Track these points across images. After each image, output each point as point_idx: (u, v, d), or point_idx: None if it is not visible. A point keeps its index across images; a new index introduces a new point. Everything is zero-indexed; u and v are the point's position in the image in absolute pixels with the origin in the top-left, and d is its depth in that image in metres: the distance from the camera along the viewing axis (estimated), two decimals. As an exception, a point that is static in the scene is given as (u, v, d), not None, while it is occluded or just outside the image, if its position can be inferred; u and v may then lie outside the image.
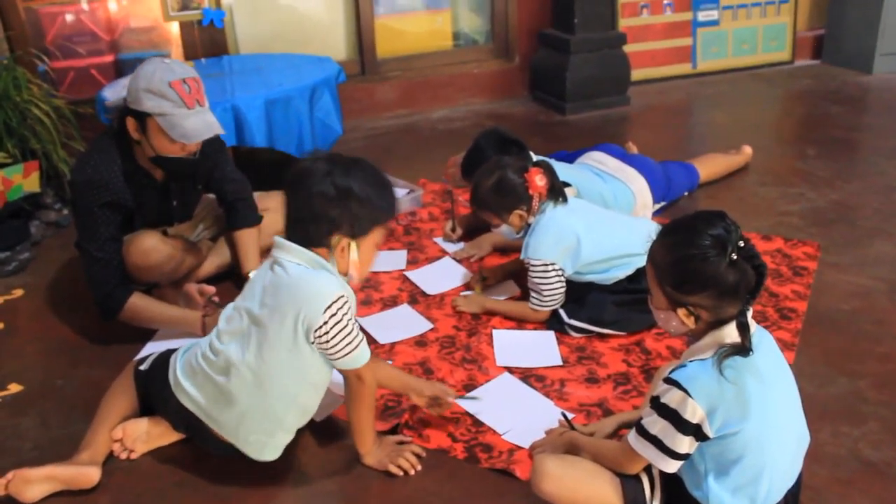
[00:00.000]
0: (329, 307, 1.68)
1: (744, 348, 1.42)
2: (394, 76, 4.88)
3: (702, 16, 5.28)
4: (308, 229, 1.73)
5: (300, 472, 1.92)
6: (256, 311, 1.75)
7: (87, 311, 2.61)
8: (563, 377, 2.22)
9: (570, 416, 2.00)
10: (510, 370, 2.25)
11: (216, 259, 2.79)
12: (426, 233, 3.17)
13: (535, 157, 2.62)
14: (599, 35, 4.69)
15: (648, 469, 1.59)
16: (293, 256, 1.73)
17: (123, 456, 1.97)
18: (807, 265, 2.73)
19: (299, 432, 1.91)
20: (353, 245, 1.74)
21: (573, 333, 2.41)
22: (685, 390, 1.42)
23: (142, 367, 2.00)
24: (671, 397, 1.44)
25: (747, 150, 3.66)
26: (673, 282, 1.46)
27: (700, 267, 1.42)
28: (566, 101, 4.68)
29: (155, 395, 1.94)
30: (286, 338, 1.72)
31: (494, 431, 2.00)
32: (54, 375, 2.36)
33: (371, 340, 2.43)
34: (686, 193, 3.35)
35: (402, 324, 2.51)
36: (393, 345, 2.40)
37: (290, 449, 1.91)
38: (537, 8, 4.93)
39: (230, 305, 1.86)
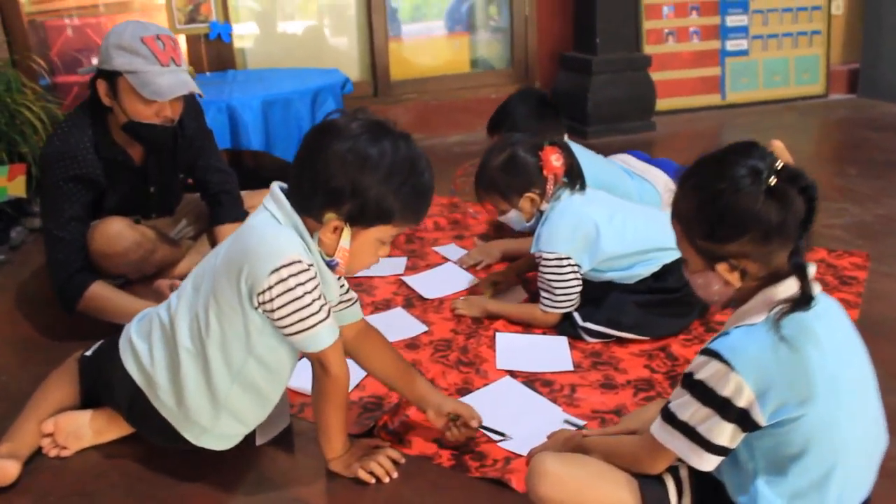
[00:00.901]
0: (277, 270, 1.39)
1: (804, 298, 1.11)
2: (408, 99, 4.69)
3: (730, 45, 5.05)
4: (303, 190, 1.44)
5: (256, 477, 1.62)
6: (214, 256, 1.52)
7: (53, 310, 2.36)
8: (574, 382, 1.90)
9: (581, 423, 1.68)
10: (513, 374, 1.94)
11: (196, 257, 2.52)
12: (429, 241, 2.90)
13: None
14: (623, 56, 4.48)
15: (675, 470, 1.26)
16: (273, 206, 1.46)
17: (53, 453, 1.69)
18: (855, 275, 2.42)
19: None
20: (347, 231, 1.45)
21: (588, 338, 2.10)
22: (728, 363, 1.11)
23: (87, 353, 1.74)
24: (709, 372, 1.13)
25: (777, 143, 3.21)
26: (704, 230, 1.16)
27: (733, 202, 1.12)
28: (588, 125, 4.44)
29: (101, 376, 1.66)
30: (230, 294, 1.44)
31: (489, 438, 1.68)
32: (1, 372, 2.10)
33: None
34: None
35: (392, 326, 2.21)
36: (381, 346, 2.10)
37: (245, 449, 1.61)
38: (558, 31, 4.75)
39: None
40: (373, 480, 1.55)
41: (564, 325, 2.15)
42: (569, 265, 2.11)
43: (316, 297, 1.44)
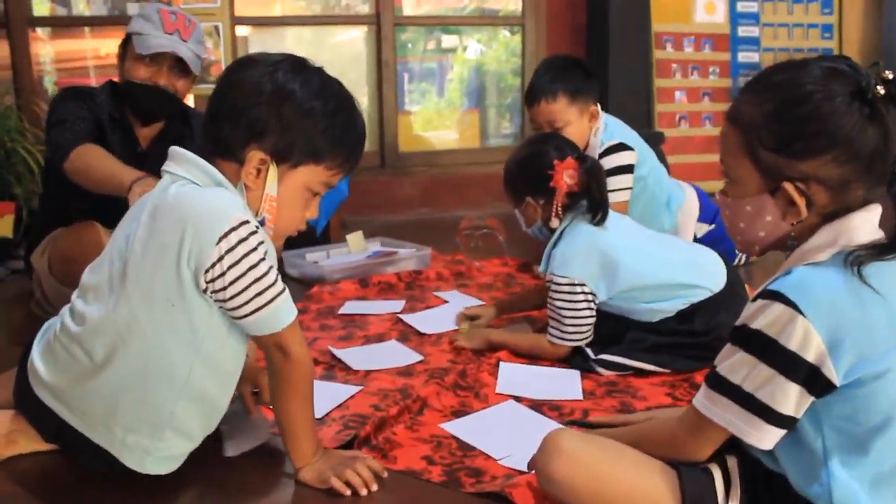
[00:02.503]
0: (226, 235, 1.19)
1: None
2: (416, 172, 4.59)
3: (744, 133, 5.00)
4: (222, 129, 1.27)
5: (212, 490, 1.37)
6: (126, 248, 1.26)
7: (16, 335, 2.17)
8: (586, 408, 1.67)
9: (588, 423, 1.44)
10: (517, 399, 1.71)
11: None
12: (430, 288, 2.71)
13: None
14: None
15: (721, 459, 1.03)
16: (184, 170, 1.26)
17: (-19, 456, 1.44)
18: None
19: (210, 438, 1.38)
20: (273, 170, 1.27)
21: (602, 371, 1.87)
22: (794, 305, 0.90)
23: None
24: (769, 318, 0.92)
25: None
26: (777, 140, 0.96)
27: (824, 109, 0.93)
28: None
29: (18, 392, 1.39)
30: (167, 286, 1.22)
31: (488, 456, 1.44)
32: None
33: (343, 367, 1.92)
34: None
35: (385, 356, 2.00)
36: (369, 372, 1.88)
37: (199, 458, 1.37)
38: (570, 109, 4.70)
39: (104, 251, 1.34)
40: (348, 492, 1.30)
41: (576, 359, 1.92)
42: (582, 292, 1.90)
43: (270, 263, 1.25)
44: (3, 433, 1.44)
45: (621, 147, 2.41)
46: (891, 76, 0.94)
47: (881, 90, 0.93)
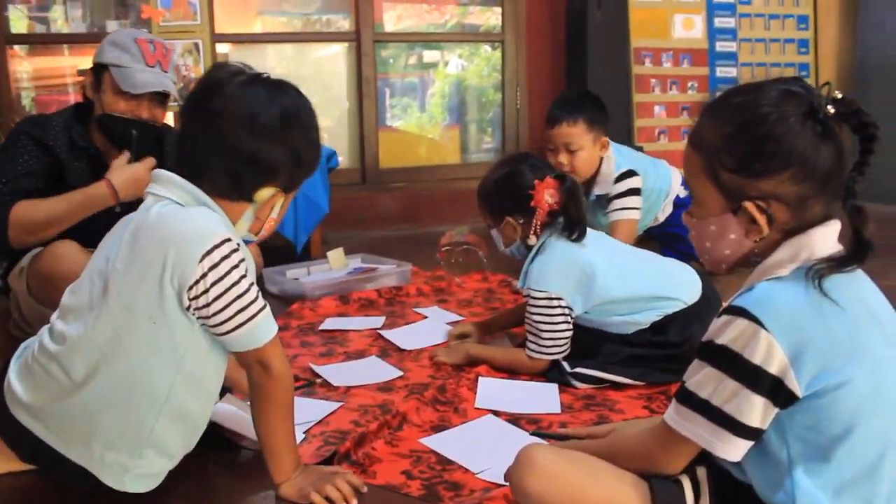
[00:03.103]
0: (209, 253, 1.21)
1: (862, 247, 0.94)
2: (397, 188, 4.61)
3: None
4: (237, 174, 1.29)
5: (191, 505, 1.37)
6: (107, 267, 1.27)
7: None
8: (564, 420, 1.69)
9: (554, 435, 1.45)
10: (496, 413, 1.73)
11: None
12: (410, 304, 2.72)
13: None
14: (615, 148, 4.45)
15: (691, 468, 1.05)
16: (167, 190, 1.28)
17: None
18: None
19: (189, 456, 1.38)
20: (281, 198, 1.35)
21: (578, 384, 1.89)
22: (756, 320, 0.93)
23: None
24: (733, 334, 0.94)
25: None
26: (736, 161, 0.99)
27: (779, 129, 0.96)
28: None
29: None
30: (147, 303, 1.23)
31: (466, 470, 1.46)
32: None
33: (323, 383, 1.93)
34: None
35: (364, 372, 2.01)
36: (349, 388, 1.89)
37: (179, 475, 1.37)
38: (550, 124, 4.75)
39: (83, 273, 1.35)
40: (327, 507, 1.31)
41: (553, 373, 1.94)
42: (559, 306, 1.92)
43: (252, 280, 1.27)
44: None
45: (631, 173, 2.68)
46: (840, 96, 0.97)
47: (831, 109, 0.96)
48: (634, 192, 2.66)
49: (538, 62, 4.75)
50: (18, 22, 3.94)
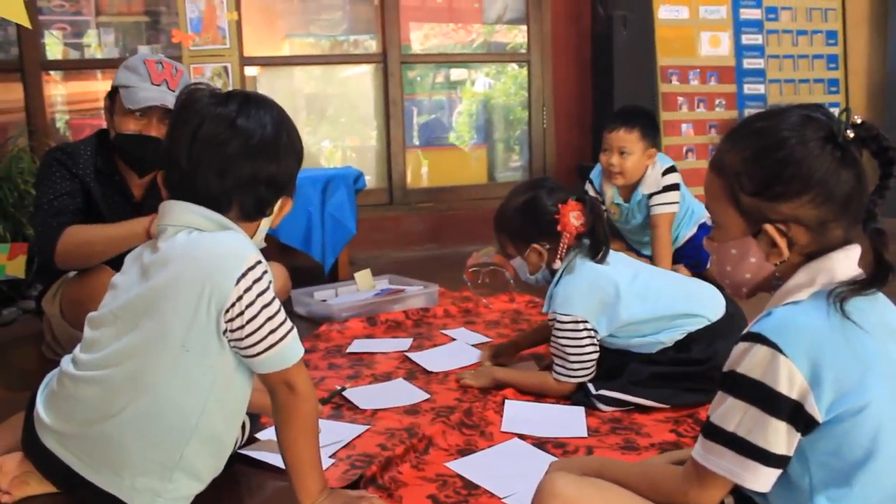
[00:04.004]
0: (244, 275, 1.24)
1: (883, 269, 0.94)
2: (423, 208, 4.63)
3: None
4: (261, 199, 1.32)
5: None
6: (132, 297, 1.29)
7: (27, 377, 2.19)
8: (590, 445, 1.68)
9: None
10: (522, 437, 1.72)
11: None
12: (437, 326, 2.72)
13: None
14: (642, 166, 4.44)
15: None
16: (186, 220, 1.29)
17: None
18: None
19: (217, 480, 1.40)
20: (288, 205, 1.40)
21: (603, 407, 1.88)
22: (775, 346, 0.93)
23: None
24: (753, 362, 0.94)
25: None
26: (756, 184, 1.00)
27: (799, 153, 0.97)
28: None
29: (25, 440, 1.42)
30: (181, 330, 1.24)
31: (492, 494, 1.45)
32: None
33: (350, 406, 1.93)
34: None
35: (391, 395, 2.02)
36: (376, 411, 1.90)
37: (207, 498, 1.39)
38: (576, 142, 4.75)
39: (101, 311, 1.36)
40: (354, 532, 1.32)
41: (579, 395, 1.93)
42: (585, 329, 1.92)
43: (280, 302, 1.29)
44: (17, 474, 1.46)
45: (673, 168, 2.93)
46: (859, 121, 0.98)
47: (851, 134, 0.96)
48: (674, 187, 2.90)
49: (564, 81, 4.76)
50: (54, 48, 4.04)
